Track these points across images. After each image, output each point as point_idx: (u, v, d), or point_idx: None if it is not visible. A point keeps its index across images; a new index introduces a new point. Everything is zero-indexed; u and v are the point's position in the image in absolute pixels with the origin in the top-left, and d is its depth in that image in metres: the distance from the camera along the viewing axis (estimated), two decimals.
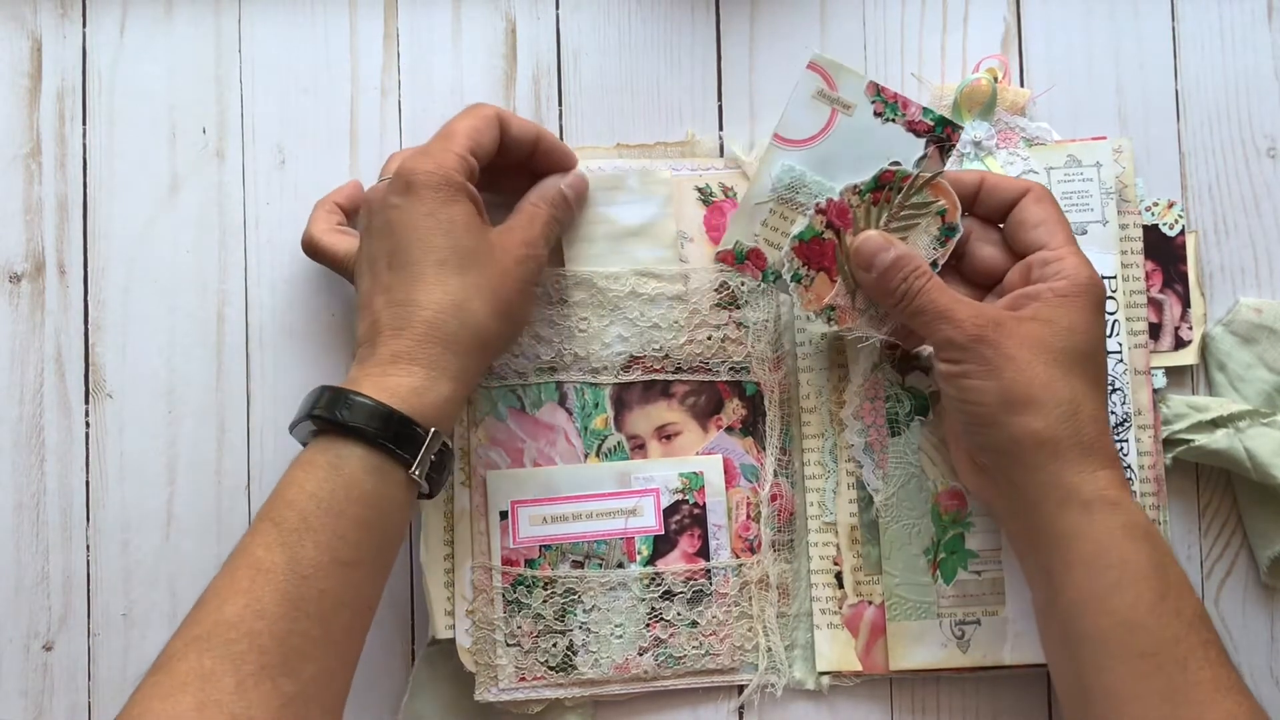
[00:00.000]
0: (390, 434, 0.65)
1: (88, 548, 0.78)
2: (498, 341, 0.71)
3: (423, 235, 0.69)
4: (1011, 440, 0.67)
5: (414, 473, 0.66)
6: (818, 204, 0.72)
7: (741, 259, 0.75)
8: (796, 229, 0.73)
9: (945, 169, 0.72)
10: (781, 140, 0.73)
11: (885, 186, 0.72)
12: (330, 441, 0.66)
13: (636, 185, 0.78)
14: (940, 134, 0.72)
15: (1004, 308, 0.70)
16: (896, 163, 0.71)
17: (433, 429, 0.66)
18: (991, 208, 0.73)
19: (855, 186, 0.72)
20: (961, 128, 0.73)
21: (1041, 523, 0.67)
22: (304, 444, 0.67)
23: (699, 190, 0.79)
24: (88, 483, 0.79)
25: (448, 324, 0.68)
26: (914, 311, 0.70)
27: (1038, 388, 0.66)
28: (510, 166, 0.75)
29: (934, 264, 0.71)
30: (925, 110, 0.72)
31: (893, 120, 0.72)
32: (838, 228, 0.72)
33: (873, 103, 0.72)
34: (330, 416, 0.65)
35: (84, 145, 0.80)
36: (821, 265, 0.73)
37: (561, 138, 0.81)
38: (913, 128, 0.72)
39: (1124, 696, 0.64)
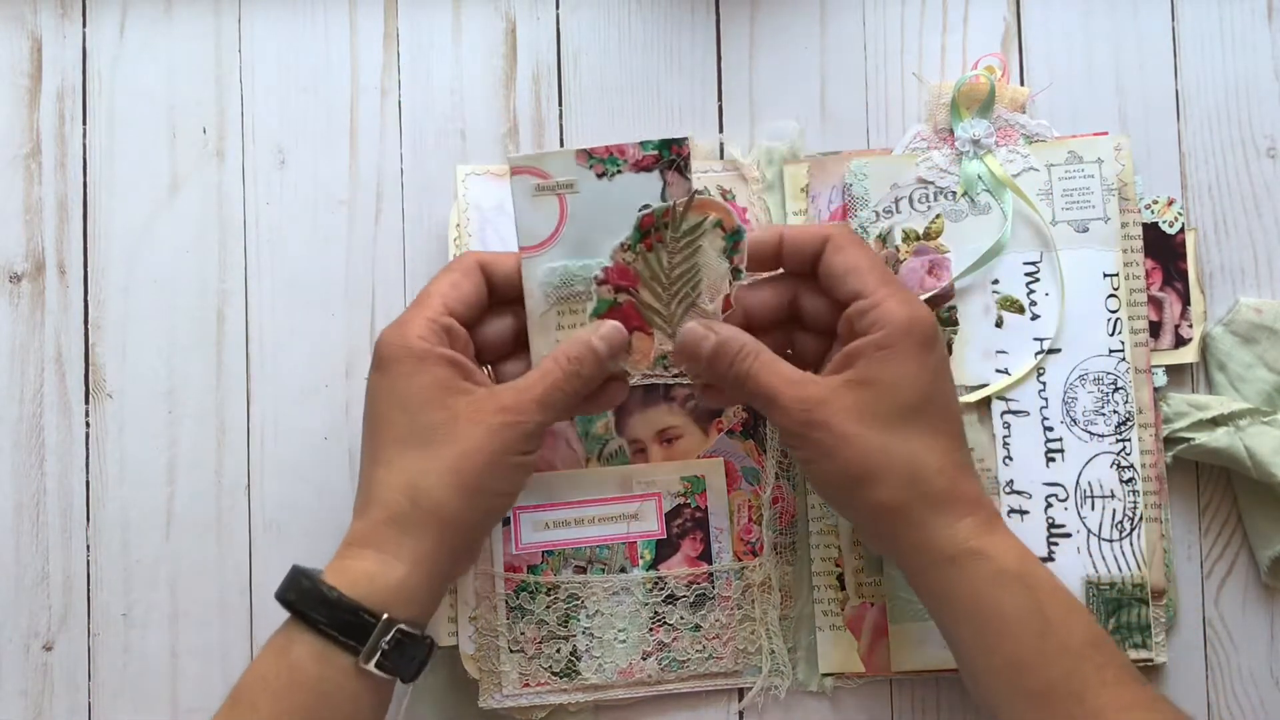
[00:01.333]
0: (336, 620, 0.63)
1: (88, 548, 0.78)
2: (465, 522, 0.66)
3: (384, 411, 0.67)
4: (867, 514, 0.68)
5: (361, 662, 0.63)
6: (596, 277, 0.70)
7: None
8: (590, 310, 0.71)
9: (695, 184, 0.70)
10: (528, 250, 0.70)
11: (650, 230, 0.70)
12: (287, 624, 0.65)
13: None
14: (669, 156, 0.70)
15: (834, 368, 0.68)
16: (646, 205, 0.70)
17: (384, 615, 0.63)
18: (797, 262, 0.71)
19: (623, 244, 0.70)
20: (686, 138, 0.70)
21: (919, 584, 0.68)
22: None
23: (696, 193, 0.79)
24: (88, 483, 0.79)
25: (400, 504, 0.65)
26: (748, 396, 0.68)
27: (874, 460, 0.66)
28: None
29: (737, 271, 0.70)
30: (642, 144, 0.70)
31: (619, 171, 0.70)
32: (627, 287, 0.71)
33: (590, 167, 0.70)
34: (284, 599, 0.65)
35: (84, 145, 0.80)
36: (631, 328, 0.71)
37: (561, 138, 0.81)
38: (640, 166, 0.70)
39: None
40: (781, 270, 0.73)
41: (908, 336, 0.67)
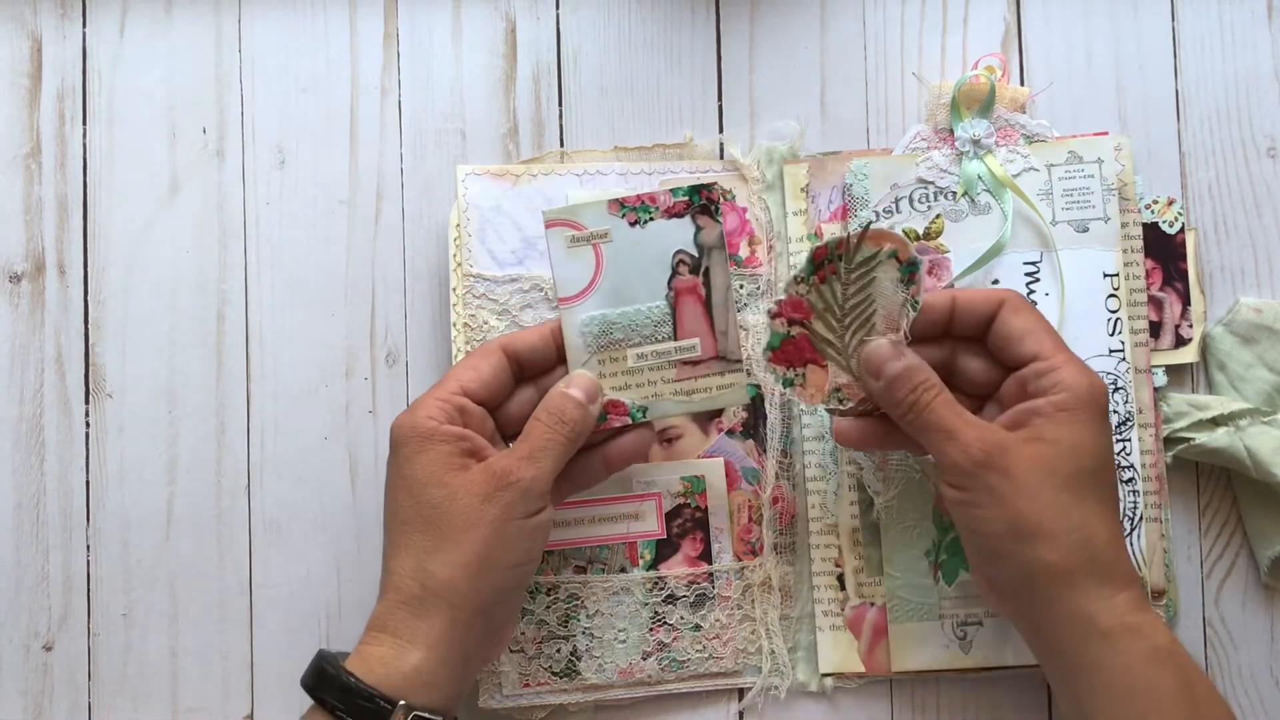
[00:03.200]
0: (353, 707, 0.63)
1: (88, 548, 0.78)
2: (476, 599, 0.66)
3: (393, 494, 0.68)
4: (1024, 572, 0.66)
5: None
6: (769, 310, 0.71)
7: (603, 419, 0.72)
8: (764, 341, 0.71)
9: (722, 222, 0.71)
10: (567, 301, 0.71)
11: (823, 262, 0.70)
12: (311, 710, 0.65)
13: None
14: (699, 202, 0.71)
15: (1005, 424, 0.68)
16: (816, 237, 0.70)
17: (401, 702, 0.63)
18: (969, 325, 0.71)
19: (796, 277, 0.70)
20: (715, 183, 0.71)
21: (1063, 651, 0.66)
22: None
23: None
24: (88, 483, 0.79)
25: (410, 588, 0.65)
26: (921, 426, 0.68)
27: (1048, 517, 0.65)
28: None
29: (914, 302, 0.70)
30: (673, 191, 0.71)
31: (650, 219, 0.71)
32: (800, 319, 0.71)
33: (623, 216, 0.71)
34: (306, 685, 0.65)
35: (84, 145, 0.80)
36: (805, 360, 0.71)
37: (561, 138, 0.81)
38: (672, 213, 0.71)
39: None
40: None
41: (1090, 404, 0.66)
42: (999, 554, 0.67)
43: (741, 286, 0.79)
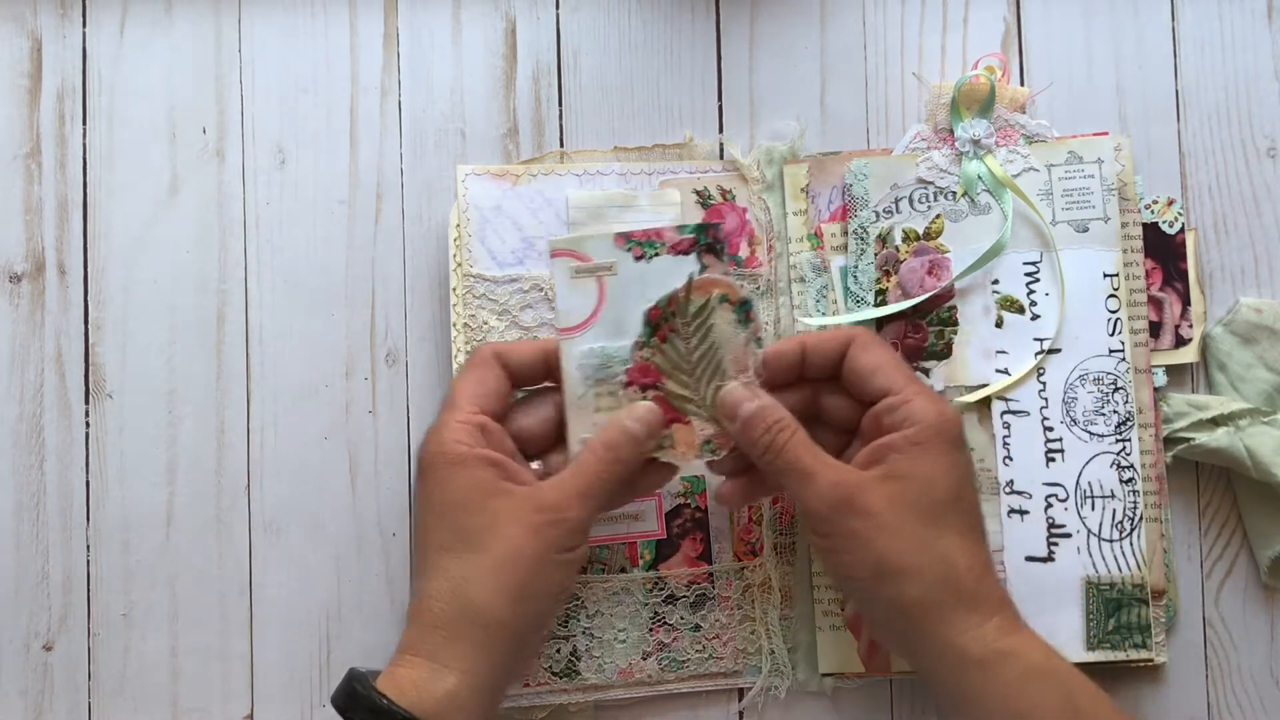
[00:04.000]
0: None
1: (88, 548, 0.78)
2: (513, 626, 0.65)
3: (426, 520, 0.67)
4: (894, 609, 0.67)
5: None
6: (621, 381, 0.70)
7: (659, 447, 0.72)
8: (623, 418, 0.70)
9: (727, 262, 0.71)
10: (567, 332, 0.70)
11: (660, 322, 0.70)
12: None
13: (647, 204, 0.78)
14: (704, 240, 0.70)
15: (861, 462, 0.68)
16: (649, 301, 0.70)
17: None
18: (821, 367, 0.71)
19: (637, 342, 0.70)
20: (720, 224, 0.71)
21: (944, 682, 0.67)
22: None
23: (697, 193, 0.79)
24: (88, 483, 0.79)
25: (446, 612, 0.65)
26: (779, 468, 0.68)
27: (909, 554, 0.65)
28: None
29: (757, 339, 0.70)
30: (679, 228, 0.70)
31: (656, 254, 0.70)
32: (652, 383, 0.70)
33: (629, 250, 0.70)
34: (337, 704, 0.65)
35: (84, 145, 0.80)
36: (668, 421, 0.70)
37: (561, 138, 0.81)
38: (678, 249, 0.70)
39: None
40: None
41: (940, 434, 0.67)
42: (868, 594, 0.67)
43: (742, 286, 0.78)
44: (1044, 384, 0.77)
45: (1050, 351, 0.77)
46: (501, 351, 0.71)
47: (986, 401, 0.77)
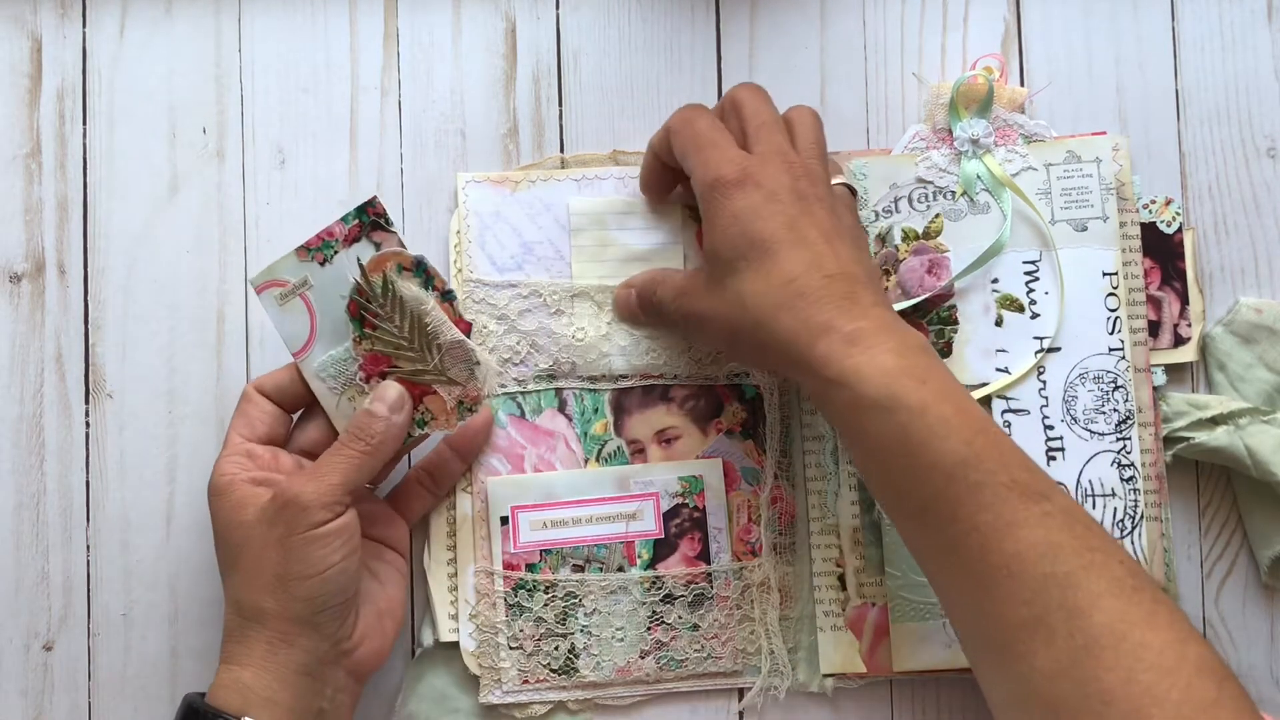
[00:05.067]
0: None
1: (88, 548, 0.78)
2: (284, 612, 0.68)
3: (215, 552, 0.72)
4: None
5: None
6: (357, 377, 0.72)
7: (421, 426, 0.73)
8: (366, 405, 0.71)
9: (397, 232, 0.72)
10: (298, 354, 0.73)
11: (363, 312, 0.72)
12: None
13: (647, 213, 0.79)
14: (368, 220, 0.72)
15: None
16: (345, 299, 0.72)
17: (244, 717, 0.67)
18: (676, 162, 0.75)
19: (354, 338, 0.72)
20: (374, 197, 0.72)
21: (819, 369, 0.67)
22: None
23: (688, 209, 0.79)
24: (88, 483, 0.79)
25: (233, 623, 0.70)
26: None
27: (722, 316, 0.70)
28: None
29: (447, 293, 0.72)
30: (343, 219, 0.72)
31: (336, 252, 0.72)
32: (386, 369, 0.72)
33: (313, 259, 0.72)
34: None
35: (84, 145, 0.80)
36: (419, 395, 0.73)
37: (561, 138, 0.81)
38: (350, 239, 0.72)
39: (922, 555, 0.66)
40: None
41: (707, 200, 0.70)
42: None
43: None
44: (1044, 382, 0.77)
45: (1050, 350, 0.77)
46: (260, 384, 0.74)
47: (987, 400, 0.77)
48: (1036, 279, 0.77)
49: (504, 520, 0.77)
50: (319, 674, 0.69)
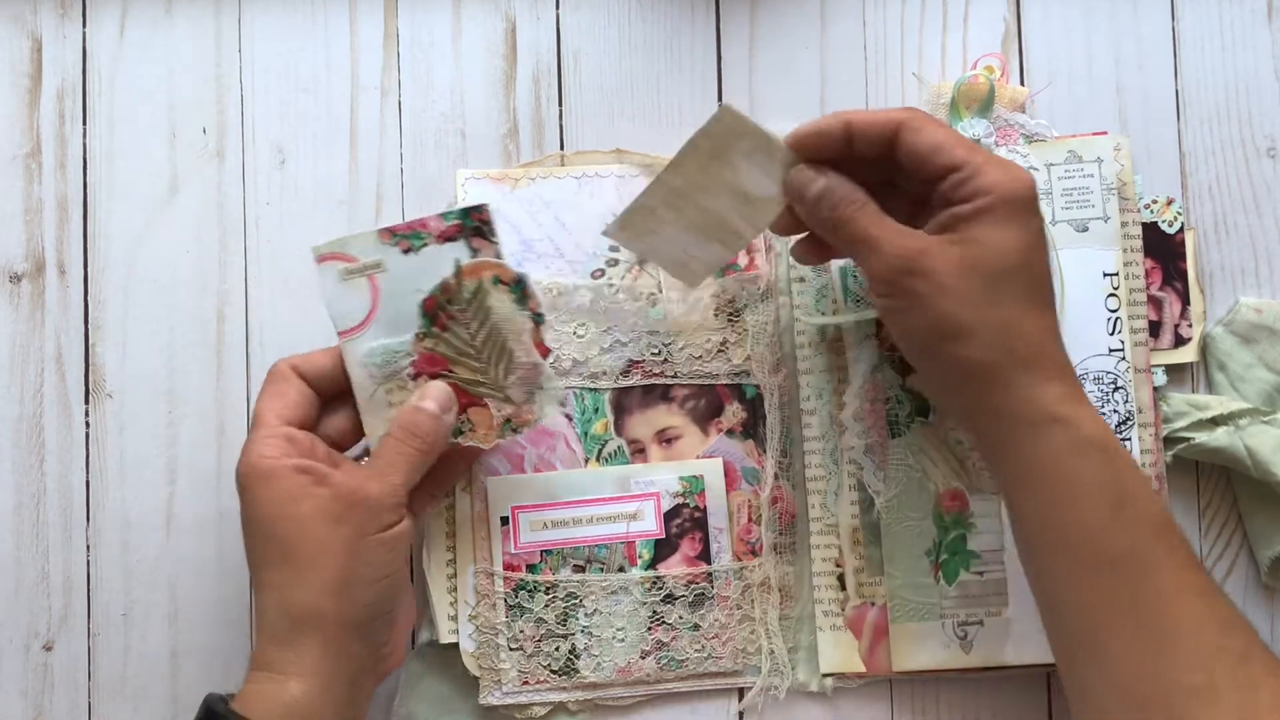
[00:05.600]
0: None
1: (88, 548, 0.78)
2: (343, 619, 0.66)
3: (249, 540, 0.68)
4: (950, 370, 0.67)
5: None
6: (407, 373, 0.71)
7: (459, 433, 0.72)
8: (415, 402, 0.70)
9: (498, 243, 0.71)
10: (345, 334, 0.71)
11: (436, 311, 0.71)
12: None
13: (778, 161, 0.70)
14: (470, 224, 0.70)
15: (932, 230, 0.67)
16: (423, 292, 0.70)
17: None
18: (871, 149, 0.69)
19: (418, 334, 0.70)
20: (485, 205, 0.70)
21: (993, 444, 0.67)
22: None
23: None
24: (88, 483, 0.79)
25: (279, 624, 0.66)
26: (846, 240, 0.69)
27: (969, 314, 0.65)
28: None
29: (538, 316, 0.71)
30: (443, 215, 0.70)
31: (424, 245, 0.70)
32: (441, 371, 0.71)
33: (395, 244, 0.70)
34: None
35: (84, 145, 0.80)
36: (465, 405, 0.72)
37: (561, 138, 0.81)
38: (445, 237, 0.70)
39: (1089, 608, 0.64)
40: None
41: (1010, 201, 0.66)
42: (928, 357, 0.68)
43: (742, 287, 0.78)
44: None
45: None
46: (298, 364, 0.72)
47: None
48: None
49: (504, 520, 0.77)
50: (359, 684, 0.68)
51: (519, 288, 0.70)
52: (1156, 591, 0.63)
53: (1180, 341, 0.79)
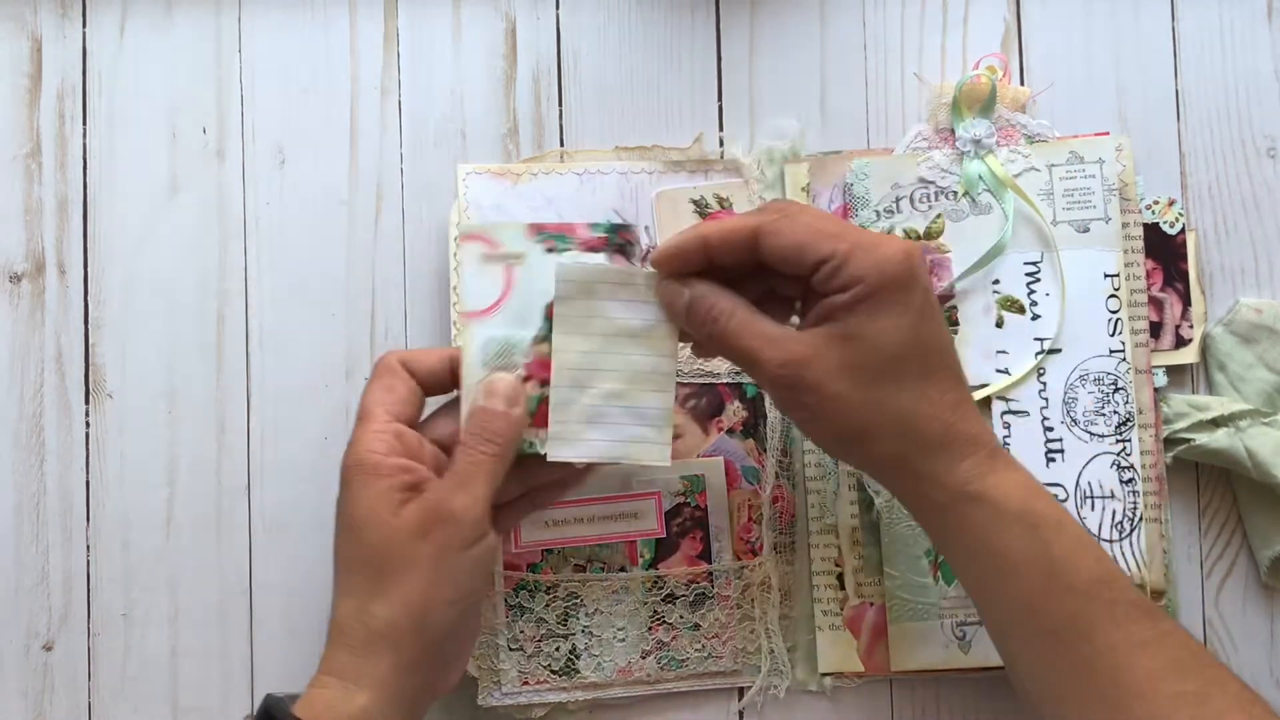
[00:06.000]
0: None
1: (88, 548, 0.78)
2: (421, 637, 0.64)
3: (339, 536, 0.66)
4: (864, 464, 0.68)
5: None
6: (520, 375, 0.68)
7: (537, 452, 0.69)
8: (480, 401, 0.68)
9: (637, 265, 0.70)
10: (470, 316, 0.69)
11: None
12: None
13: (644, 286, 0.69)
14: (616, 241, 0.69)
15: (814, 321, 0.65)
16: (552, 296, 0.68)
17: None
18: (732, 259, 0.67)
19: (537, 336, 0.68)
20: (632, 225, 0.70)
21: (925, 526, 0.68)
22: None
23: (694, 202, 0.79)
24: (88, 483, 0.79)
25: (355, 631, 0.64)
26: (728, 354, 0.67)
27: (861, 417, 0.64)
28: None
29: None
30: (593, 226, 0.69)
31: (567, 249, 0.69)
32: (548, 379, 0.68)
33: (541, 242, 0.69)
34: None
35: (84, 145, 0.80)
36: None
37: (561, 138, 0.81)
38: (589, 247, 0.69)
39: (1042, 676, 0.64)
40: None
41: (883, 286, 0.64)
42: (840, 453, 0.70)
43: None
44: (1044, 384, 0.77)
45: (1051, 351, 0.77)
46: (407, 359, 0.69)
47: (987, 401, 0.77)
48: (1038, 280, 0.77)
49: None
50: (422, 702, 0.66)
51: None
52: (1101, 653, 0.62)
53: (1181, 342, 0.79)
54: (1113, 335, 0.77)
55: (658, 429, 0.69)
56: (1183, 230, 0.79)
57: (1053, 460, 0.77)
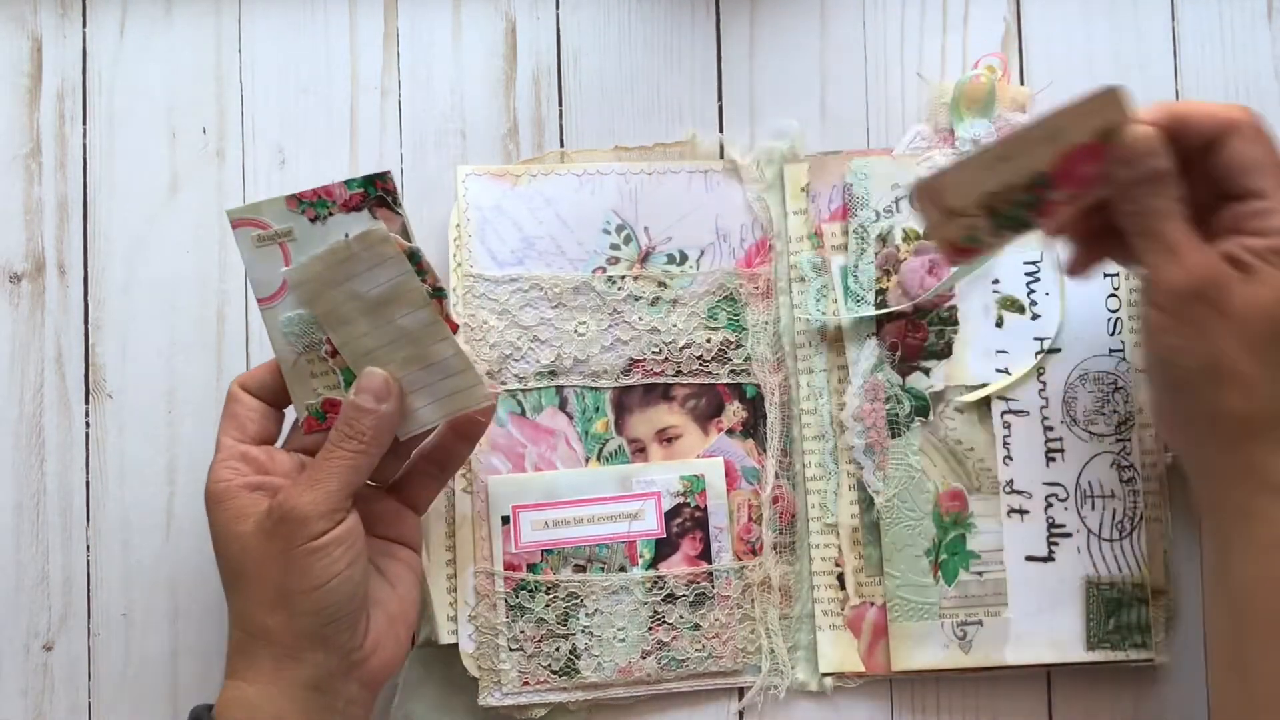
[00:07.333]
0: None
1: (88, 548, 0.78)
2: (288, 630, 0.66)
3: (216, 562, 0.69)
4: (1208, 413, 0.63)
5: None
6: (322, 345, 0.69)
7: (321, 418, 0.71)
8: (351, 397, 0.68)
9: (404, 214, 0.68)
10: (265, 302, 0.70)
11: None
12: None
13: (361, 252, 0.68)
14: (375, 193, 0.68)
15: (1220, 256, 0.62)
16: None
17: None
18: (1194, 141, 0.64)
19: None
20: (388, 172, 0.68)
21: (1228, 499, 0.64)
22: None
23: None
24: (88, 483, 0.79)
25: (238, 638, 0.68)
26: (1144, 230, 0.64)
27: (1249, 364, 0.61)
28: None
29: (437, 289, 0.68)
30: (347, 183, 0.68)
31: (330, 214, 0.68)
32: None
33: (302, 213, 0.69)
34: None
35: (84, 145, 0.80)
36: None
37: (561, 138, 0.81)
38: (350, 206, 0.68)
39: None
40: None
41: None
42: (1184, 390, 0.64)
43: (741, 286, 0.78)
44: (1044, 384, 0.77)
45: (1050, 351, 0.77)
46: (244, 380, 0.72)
47: (986, 401, 0.77)
48: (1037, 280, 0.77)
49: (505, 520, 0.77)
50: (329, 688, 0.68)
51: (414, 260, 0.68)
52: None
53: None
54: (1112, 335, 0.77)
55: (463, 373, 0.69)
56: None
57: (1052, 460, 0.77)
